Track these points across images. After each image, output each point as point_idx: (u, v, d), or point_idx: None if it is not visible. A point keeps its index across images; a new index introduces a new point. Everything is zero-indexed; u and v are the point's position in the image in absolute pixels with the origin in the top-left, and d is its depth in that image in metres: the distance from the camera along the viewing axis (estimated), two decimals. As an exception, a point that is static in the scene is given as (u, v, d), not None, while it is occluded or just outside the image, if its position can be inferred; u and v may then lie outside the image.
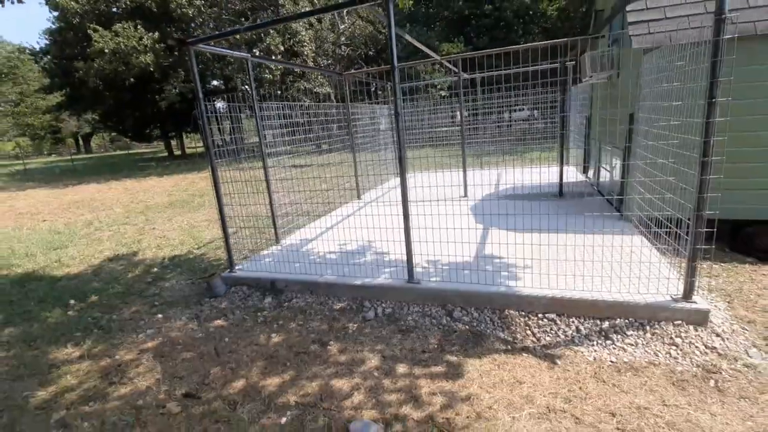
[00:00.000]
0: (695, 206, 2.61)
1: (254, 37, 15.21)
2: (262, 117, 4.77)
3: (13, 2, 4.15)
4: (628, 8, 4.32)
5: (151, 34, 14.88)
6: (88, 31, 15.21)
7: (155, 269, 5.05)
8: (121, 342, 3.42)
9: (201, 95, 3.87)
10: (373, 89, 8.44)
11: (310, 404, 2.43)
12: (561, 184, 6.08)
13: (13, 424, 2.57)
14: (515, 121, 11.54)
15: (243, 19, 16.11)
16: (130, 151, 40.17)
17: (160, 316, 3.79)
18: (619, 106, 4.72)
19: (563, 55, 6.21)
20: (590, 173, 6.92)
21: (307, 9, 15.07)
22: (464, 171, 6.61)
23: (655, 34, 4.01)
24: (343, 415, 2.32)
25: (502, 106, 8.68)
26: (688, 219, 2.73)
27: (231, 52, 4.42)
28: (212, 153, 3.97)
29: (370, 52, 21.81)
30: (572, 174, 7.52)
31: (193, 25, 16.06)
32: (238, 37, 15.69)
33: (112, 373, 3.01)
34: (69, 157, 30.06)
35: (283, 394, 2.53)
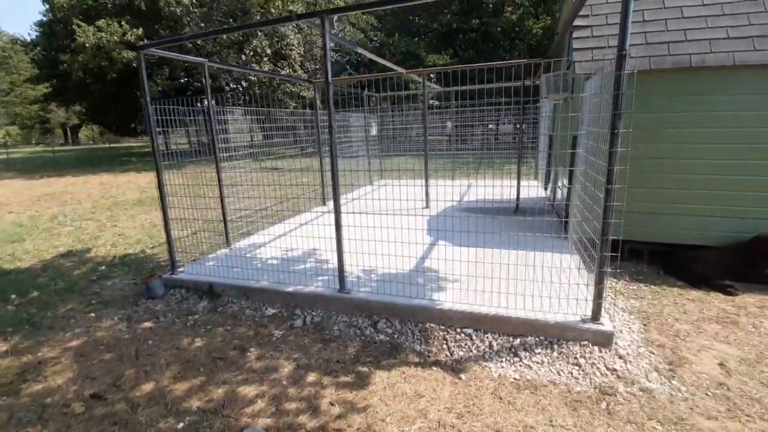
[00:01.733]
0: (601, 231, 2.71)
1: (241, 38, 15.25)
2: (219, 120, 4.85)
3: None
4: (575, 35, 4.48)
5: (135, 30, 14.86)
6: (73, 25, 15.17)
7: (103, 267, 5.03)
8: (48, 339, 3.41)
9: (148, 98, 3.91)
10: (355, 96, 8.52)
11: (210, 410, 2.45)
12: (518, 201, 6.20)
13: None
14: (494, 135, 11.73)
15: (232, 20, 16.18)
16: (118, 145, 39.79)
17: (92, 315, 3.78)
18: (562, 128, 4.85)
19: (530, 75, 6.39)
20: (548, 191, 7.06)
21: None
22: (426, 183, 6.70)
23: (597, 61, 4.16)
24: (240, 423, 2.35)
25: (474, 120, 8.84)
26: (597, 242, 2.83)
27: (187, 57, 4.47)
28: (158, 155, 4.00)
29: (358, 59, 21.98)
30: (535, 191, 7.66)
31: (182, 23, 16.07)
32: (225, 37, 15.73)
33: (30, 370, 3.00)
34: (52, 148, 29.72)
35: (187, 399, 2.55)
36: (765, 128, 3.87)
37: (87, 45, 14.00)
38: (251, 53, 15.69)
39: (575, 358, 2.79)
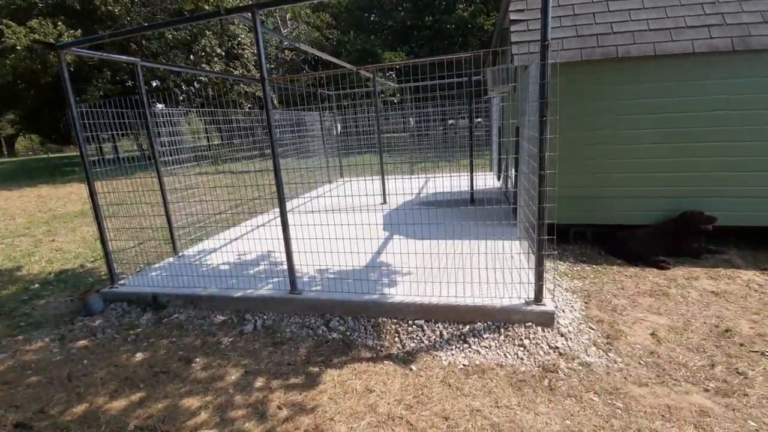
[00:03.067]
0: (537, 216, 2.80)
1: (189, 38, 14.61)
2: (163, 123, 4.64)
3: None
4: (512, 29, 4.61)
5: (72, 31, 13.89)
6: (1, 26, 14.00)
7: (36, 285, 4.67)
8: (-32, 369, 3.11)
9: (73, 101, 3.65)
10: (309, 94, 8.38)
11: (149, 427, 2.32)
12: (472, 192, 6.34)
13: None
14: (453, 129, 11.93)
15: (177, 20, 15.46)
16: (61, 155, 37.17)
17: (20, 337, 3.49)
18: (508, 118, 5.00)
19: (477, 68, 6.54)
20: (500, 180, 7.27)
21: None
22: (383, 179, 6.71)
23: (534, 53, 4.30)
24: (181, 436, 2.24)
25: (429, 116, 8.95)
26: (535, 226, 2.92)
27: (115, 56, 4.21)
28: (87, 163, 3.76)
29: (316, 58, 21.69)
30: (491, 181, 7.87)
31: (122, 23, 15.16)
32: (170, 37, 15.01)
33: (-54, 404, 2.73)
34: (-16, 161, 27.30)
35: (123, 418, 2.41)
36: (685, 113, 4.16)
37: (19, 47, 12.92)
38: (201, 53, 15.06)
39: (520, 339, 2.87)
